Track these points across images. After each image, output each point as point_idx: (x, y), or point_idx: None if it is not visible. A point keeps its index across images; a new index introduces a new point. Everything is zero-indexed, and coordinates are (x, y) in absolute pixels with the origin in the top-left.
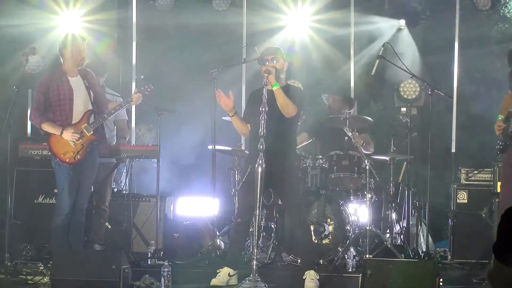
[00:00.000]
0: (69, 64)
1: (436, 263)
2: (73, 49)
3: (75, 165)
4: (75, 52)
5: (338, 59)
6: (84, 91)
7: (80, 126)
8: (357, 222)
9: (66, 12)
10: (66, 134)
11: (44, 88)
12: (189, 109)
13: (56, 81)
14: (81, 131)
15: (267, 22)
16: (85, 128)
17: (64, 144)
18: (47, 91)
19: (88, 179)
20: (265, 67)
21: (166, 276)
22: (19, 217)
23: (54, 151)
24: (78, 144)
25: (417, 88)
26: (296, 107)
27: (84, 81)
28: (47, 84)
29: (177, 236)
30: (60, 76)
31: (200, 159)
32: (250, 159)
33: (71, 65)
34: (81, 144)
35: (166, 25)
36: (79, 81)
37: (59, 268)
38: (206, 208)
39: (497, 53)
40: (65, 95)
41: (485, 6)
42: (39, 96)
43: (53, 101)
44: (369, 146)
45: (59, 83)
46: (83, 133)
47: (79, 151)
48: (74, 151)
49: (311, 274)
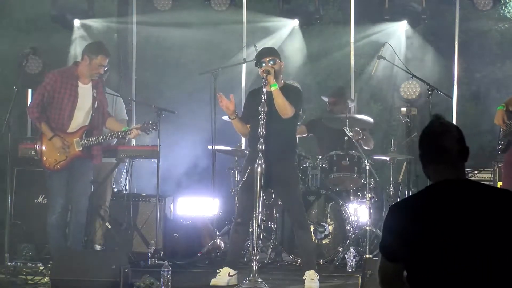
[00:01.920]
0: (85, 71)
1: None
2: (99, 61)
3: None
4: (99, 65)
5: (339, 58)
6: (89, 102)
7: (72, 138)
8: (357, 222)
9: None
10: (56, 141)
11: (51, 86)
12: (189, 109)
13: (65, 83)
14: (71, 144)
15: (267, 22)
16: (76, 142)
17: (50, 148)
18: (53, 90)
19: (80, 182)
20: (264, 68)
21: (166, 276)
22: (19, 217)
23: (41, 151)
24: (63, 155)
25: (417, 88)
26: (293, 108)
27: (94, 90)
28: (56, 83)
29: (177, 236)
30: (71, 79)
31: (200, 159)
32: (249, 159)
33: (86, 72)
34: (66, 155)
35: (166, 25)
36: (88, 90)
37: (59, 268)
38: (206, 208)
39: (497, 53)
40: (69, 102)
41: (485, 6)
42: (43, 92)
43: (55, 102)
44: (369, 141)
45: (68, 86)
46: (72, 146)
47: (61, 161)
48: (56, 159)
49: (311, 274)
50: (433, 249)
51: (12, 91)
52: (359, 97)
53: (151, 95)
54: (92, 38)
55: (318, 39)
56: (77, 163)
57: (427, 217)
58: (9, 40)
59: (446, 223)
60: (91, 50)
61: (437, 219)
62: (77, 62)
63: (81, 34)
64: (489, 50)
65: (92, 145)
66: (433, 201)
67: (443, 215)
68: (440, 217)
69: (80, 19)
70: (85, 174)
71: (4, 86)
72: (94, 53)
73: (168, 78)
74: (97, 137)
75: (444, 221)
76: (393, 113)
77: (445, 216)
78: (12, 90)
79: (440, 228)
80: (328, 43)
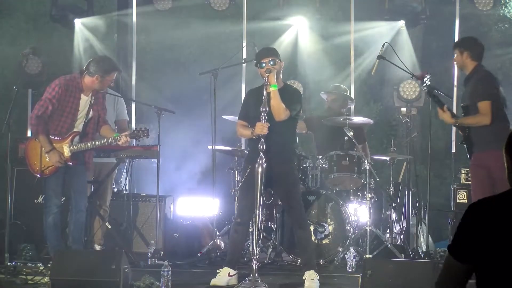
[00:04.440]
0: (95, 86)
1: (436, 263)
2: (111, 78)
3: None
4: (111, 81)
5: (339, 58)
6: (84, 111)
7: (62, 144)
8: (357, 222)
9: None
10: (53, 156)
11: (57, 100)
12: (189, 109)
13: (68, 96)
14: (60, 148)
15: (267, 22)
16: (65, 146)
17: (36, 154)
18: (58, 101)
19: (77, 181)
20: (265, 68)
21: (166, 276)
22: (19, 217)
23: (27, 155)
24: (50, 161)
25: (417, 88)
26: (288, 111)
27: (92, 98)
28: (61, 96)
29: (177, 236)
30: (75, 91)
31: (200, 159)
32: (249, 159)
33: (96, 87)
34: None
35: (166, 25)
36: (87, 100)
37: (59, 268)
38: (206, 208)
39: (497, 53)
40: (69, 114)
41: (486, 6)
42: (48, 105)
43: (57, 114)
44: (367, 157)
45: (71, 99)
46: (61, 151)
47: (49, 168)
48: (45, 165)
49: (311, 274)
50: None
51: (12, 91)
52: (359, 97)
53: (151, 95)
54: (92, 38)
55: (319, 38)
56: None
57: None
58: (9, 40)
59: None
60: (104, 69)
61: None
62: (82, 73)
63: (83, 34)
64: (489, 50)
65: (81, 151)
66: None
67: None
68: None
69: (80, 19)
70: (82, 174)
71: (4, 86)
72: (107, 72)
73: (168, 78)
74: (86, 143)
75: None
76: (393, 113)
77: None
78: (12, 90)
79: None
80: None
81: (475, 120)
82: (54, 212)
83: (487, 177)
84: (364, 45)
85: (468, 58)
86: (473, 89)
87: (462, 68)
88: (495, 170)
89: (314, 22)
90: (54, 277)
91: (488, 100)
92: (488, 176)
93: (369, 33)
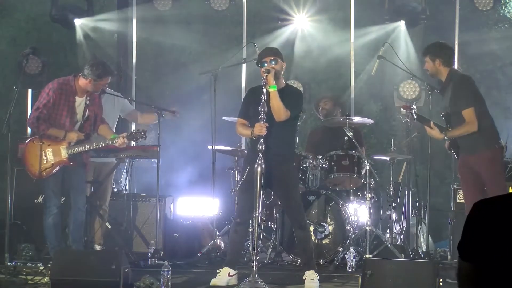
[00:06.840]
0: (83, 87)
1: (436, 263)
2: (104, 82)
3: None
4: (104, 85)
5: (339, 58)
6: (80, 113)
7: (59, 145)
8: (357, 222)
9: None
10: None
11: (51, 104)
12: (189, 109)
13: (63, 99)
14: (57, 150)
15: (267, 22)
16: (62, 148)
17: (36, 155)
18: (53, 106)
19: (76, 181)
20: (265, 67)
21: (166, 276)
22: (19, 217)
23: (25, 157)
24: (49, 163)
25: (417, 88)
26: (288, 112)
27: (87, 99)
28: (55, 100)
29: (177, 236)
30: (69, 95)
31: (200, 159)
32: (249, 159)
33: (90, 89)
34: (51, 163)
35: (166, 25)
36: (82, 102)
37: (59, 268)
38: (206, 208)
39: (497, 53)
40: (67, 118)
41: (486, 6)
42: (43, 111)
43: (53, 118)
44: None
45: (66, 103)
46: (59, 153)
47: (46, 169)
48: (44, 166)
49: (311, 274)
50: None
51: (12, 91)
52: (359, 97)
53: (151, 95)
54: (92, 38)
55: (319, 39)
56: (69, 166)
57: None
58: (9, 40)
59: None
60: (97, 74)
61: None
62: (77, 75)
63: (83, 34)
64: (489, 50)
65: (79, 153)
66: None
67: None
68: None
69: (80, 19)
70: (80, 173)
71: (4, 86)
72: (100, 77)
73: (168, 78)
74: (84, 145)
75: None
76: (393, 113)
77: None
78: (12, 90)
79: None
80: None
81: (463, 130)
82: (54, 212)
83: (476, 180)
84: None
85: (440, 65)
86: (453, 97)
87: (434, 75)
88: (483, 172)
89: (314, 22)
90: (54, 277)
91: (470, 107)
92: (476, 178)
93: (369, 31)
